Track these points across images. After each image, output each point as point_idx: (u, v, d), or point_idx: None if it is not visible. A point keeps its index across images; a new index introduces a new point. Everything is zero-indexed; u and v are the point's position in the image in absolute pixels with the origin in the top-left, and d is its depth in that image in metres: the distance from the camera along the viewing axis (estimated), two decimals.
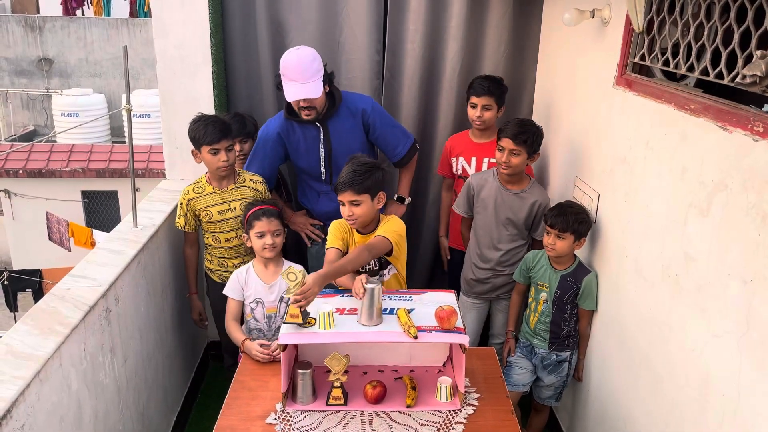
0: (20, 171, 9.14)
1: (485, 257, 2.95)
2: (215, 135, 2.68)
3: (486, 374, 2.31)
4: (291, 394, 2.15)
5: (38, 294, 8.14)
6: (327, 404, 2.11)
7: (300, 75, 2.69)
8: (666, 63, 2.11)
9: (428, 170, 3.55)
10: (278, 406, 2.11)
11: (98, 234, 7.98)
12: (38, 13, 15.01)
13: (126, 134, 2.91)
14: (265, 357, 2.35)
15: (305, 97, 2.73)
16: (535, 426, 2.98)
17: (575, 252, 2.62)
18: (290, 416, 2.07)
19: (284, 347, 2.06)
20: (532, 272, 2.73)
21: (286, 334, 2.06)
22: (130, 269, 2.48)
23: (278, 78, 2.79)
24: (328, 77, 2.81)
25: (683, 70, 2.00)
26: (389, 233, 2.40)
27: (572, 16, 2.56)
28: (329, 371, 2.09)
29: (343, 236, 2.51)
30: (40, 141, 10.74)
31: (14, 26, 13.90)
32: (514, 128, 2.71)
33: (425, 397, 2.16)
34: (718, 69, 1.78)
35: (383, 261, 2.53)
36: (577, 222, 2.52)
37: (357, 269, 2.35)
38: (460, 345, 2.08)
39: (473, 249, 3.01)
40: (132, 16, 13.02)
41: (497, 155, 2.79)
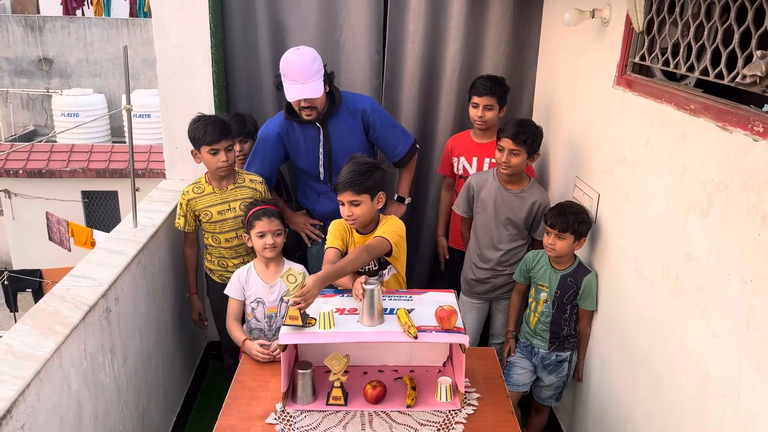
0: (20, 171, 9.15)
1: (485, 257, 2.95)
2: (215, 135, 2.68)
3: (486, 374, 2.31)
4: (291, 394, 2.15)
5: (38, 294, 8.14)
6: (327, 404, 2.11)
7: (301, 75, 2.69)
8: (666, 63, 2.11)
9: (428, 170, 3.55)
10: (278, 406, 2.11)
11: (98, 234, 7.98)
12: (38, 13, 15.01)
13: (126, 134, 2.91)
14: (265, 357, 2.35)
15: (307, 97, 2.73)
16: (535, 426, 2.98)
17: (575, 252, 2.62)
18: (290, 416, 2.07)
19: (284, 347, 2.06)
20: (532, 272, 2.73)
21: (286, 334, 2.06)
22: (130, 269, 2.48)
23: (278, 78, 2.78)
24: (328, 77, 2.81)
25: (683, 70, 2.00)
26: (388, 234, 2.40)
27: (572, 16, 2.56)
28: (329, 371, 2.09)
29: (343, 236, 2.51)
30: (40, 141, 10.73)
31: (14, 26, 13.90)
32: (514, 128, 2.71)
33: (425, 397, 2.16)
34: (718, 69, 1.78)
35: (382, 261, 2.53)
36: (577, 222, 2.52)
37: (356, 270, 2.35)
38: (460, 345, 2.08)
39: (473, 249, 3.01)
40: (132, 16, 13.04)
41: (497, 155, 2.79)
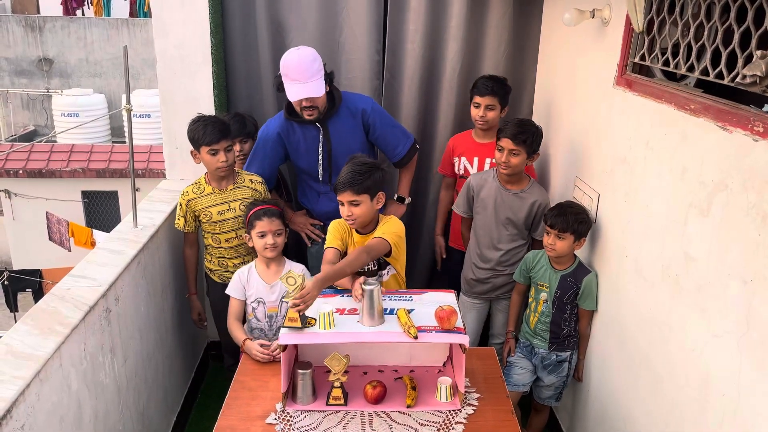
0: (20, 171, 9.15)
1: (485, 257, 2.95)
2: (214, 135, 2.68)
3: (486, 374, 2.31)
4: (291, 394, 2.15)
5: (38, 294, 8.13)
6: (327, 404, 2.11)
7: (302, 74, 2.69)
8: (666, 63, 2.11)
9: (428, 170, 3.55)
10: (278, 406, 2.11)
11: (98, 234, 7.98)
12: (38, 13, 15.01)
13: (126, 134, 2.91)
14: (265, 357, 2.35)
15: (308, 96, 2.73)
16: (535, 426, 2.98)
17: (575, 252, 2.62)
18: (290, 416, 2.07)
19: (284, 347, 2.06)
20: (532, 272, 2.73)
21: (286, 334, 2.06)
22: (130, 269, 2.48)
23: (278, 79, 2.78)
24: (328, 77, 2.82)
25: (683, 70, 2.00)
26: (388, 234, 2.40)
27: (572, 16, 2.56)
28: (329, 371, 2.09)
29: (342, 236, 2.51)
30: (41, 141, 10.73)
31: (14, 26, 13.89)
32: (514, 128, 2.71)
33: (425, 397, 2.16)
34: (718, 69, 1.78)
35: (382, 261, 2.52)
36: (577, 222, 2.52)
37: (356, 271, 2.35)
38: (460, 345, 2.08)
39: (473, 249, 3.01)
40: (132, 16, 13.06)
41: (497, 155, 2.79)
